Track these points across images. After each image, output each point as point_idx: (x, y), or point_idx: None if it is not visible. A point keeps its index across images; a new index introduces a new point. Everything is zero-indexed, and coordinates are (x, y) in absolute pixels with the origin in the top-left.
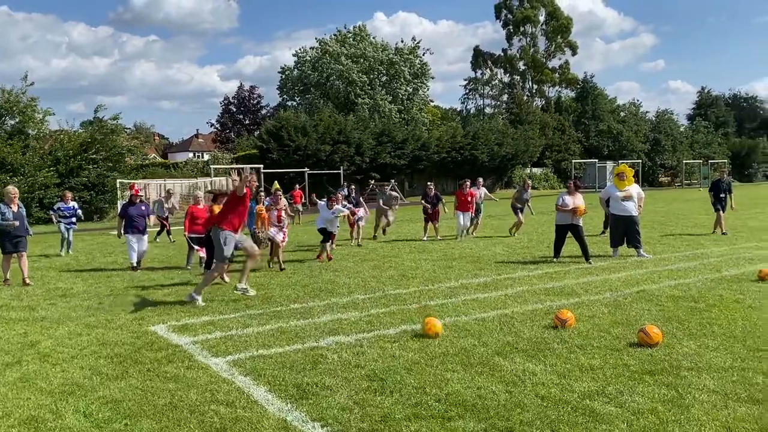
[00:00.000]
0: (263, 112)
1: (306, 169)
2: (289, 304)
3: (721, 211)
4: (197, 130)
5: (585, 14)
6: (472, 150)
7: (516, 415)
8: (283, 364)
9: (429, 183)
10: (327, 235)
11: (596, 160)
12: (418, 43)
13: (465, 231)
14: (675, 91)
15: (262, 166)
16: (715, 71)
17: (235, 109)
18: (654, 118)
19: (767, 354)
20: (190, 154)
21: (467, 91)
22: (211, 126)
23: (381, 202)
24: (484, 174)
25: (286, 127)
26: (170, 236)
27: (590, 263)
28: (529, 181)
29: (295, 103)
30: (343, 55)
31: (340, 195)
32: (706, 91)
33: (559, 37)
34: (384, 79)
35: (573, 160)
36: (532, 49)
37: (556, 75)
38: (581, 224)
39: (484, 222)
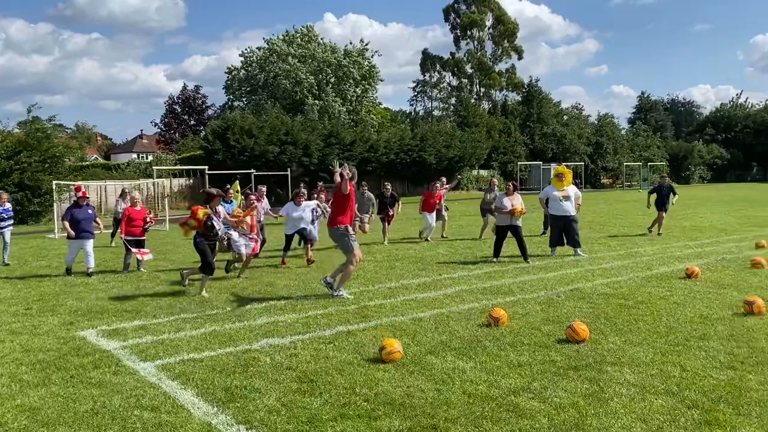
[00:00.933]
0: (209, 112)
1: (253, 171)
2: (226, 307)
3: (663, 213)
4: (141, 130)
5: (531, 19)
6: (420, 152)
7: (442, 412)
8: (213, 367)
9: (386, 183)
10: (303, 239)
11: (541, 163)
12: (366, 45)
13: (431, 231)
14: (618, 95)
15: (207, 167)
16: (655, 76)
17: (179, 109)
18: (596, 122)
19: (687, 348)
20: (134, 155)
21: (416, 93)
22: (155, 126)
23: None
24: (432, 176)
25: (232, 127)
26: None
27: (528, 263)
28: (495, 180)
29: (241, 103)
30: (291, 55)
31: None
32: (645, 95)
33: (505, 41)
34: (332, 80)
35: (518, 163)
36: (479, 53)
37: (503, 79)
38: (520, 224)
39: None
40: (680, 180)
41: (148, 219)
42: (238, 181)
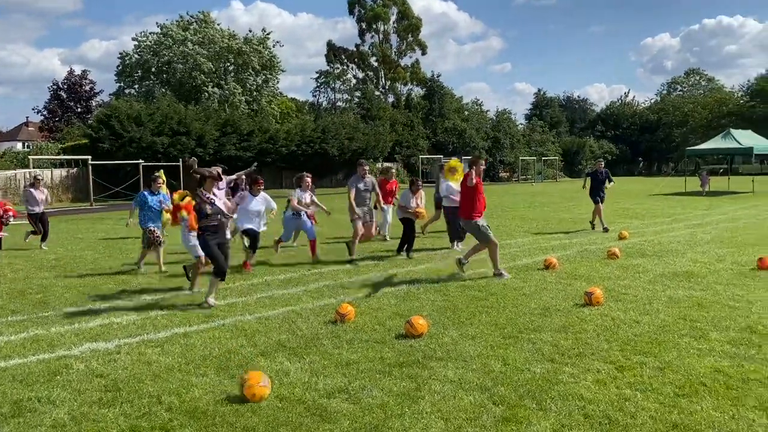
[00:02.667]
0: (97, 99)
1: (141, 161)
2: (63, 308)
3: (600, 203)
4: (27, 117)
5: (439, 16)
6: (322, 143)
7: (243, 420)
8: (14, 377)
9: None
10: (250, 239)
11: (442, 156)
12: (268, 34)
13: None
14: (520, 92)
15: (90, 157)
16: (555, 75)
17: (65, 96)
18: (494, 117)
19: (518, 340)
20: (19, 144)
21: (318, 84)
22: (37, 113)
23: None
24: (336, 168)
25: (119, 115)
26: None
27: (410, 257)
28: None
29: (133, 90)
30: (189, 41)
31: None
32: (542, 93)
33: (409, 36)
34: (232, 68)
35: (420, 156)
36: (384, 47)
37: (408, 73)
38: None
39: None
40: (573, 174)
41: (2, 213)
42: (162, 171)
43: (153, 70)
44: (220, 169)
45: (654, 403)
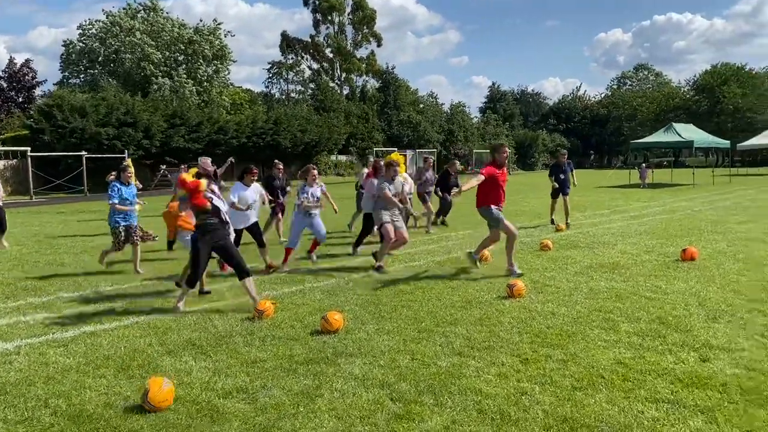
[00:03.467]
0: (41, 88)
1: (84, 153)
2: None
3: (565, 197)
4: None
5: (397, 8)
6: (274, 135)
7: (129, 423)
8: None
9: (277, 161)
10: (254, 236)
11: (396, 149)
12: (219, 24)
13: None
14: (477, 85)
15: (29, 149)
16: (512, 68)
17: (5, 85)
18: (449, 110)
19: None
20: None
21: (270, 75)
22: None
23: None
24: (288, 160)
25: (61, 106)
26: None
27: (356, 253)
28: (431, 159)
29: (79, 80)
30: (138, 30)
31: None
32: (496, 86)
33: (365, 27)
34: (182, 58)
35: (375, 149)
36: (339, 38)
37: (364, 65)
38: None
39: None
40: (526, 166)
41: None
42: (130, 159)
43: (100, 59)
44: (208, 162)
45: (550, 397)
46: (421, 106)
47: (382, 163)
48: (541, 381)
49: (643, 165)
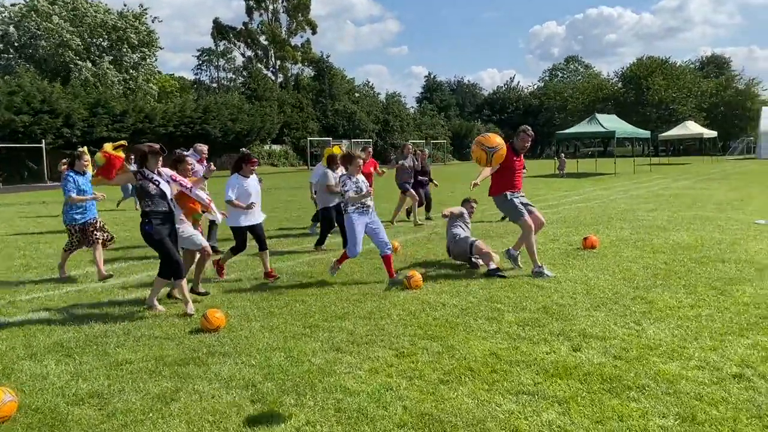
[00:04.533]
0: None
1: None
2: None
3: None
4: None
5: None
6: (203, 124)
7: None
8: None
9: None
10: (257, 240)
11: (331, 139)
12: (145, 9)
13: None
14: (417, 75)
15: None
16: (451, 58)
17: None
18: (384, 100)
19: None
20: None
21: (200, 62)
22: None
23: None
24: (219, 150)
25: None
26: None
27: (323, 249)
28: (410, 145)
29: None
30: (56, 14)
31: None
32: (432, 76)
33: (299, 14)
34: (106, 44)
35: (309, 138)
36: (274, 25)
37: (299, 53)
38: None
39: None
40: (462, 157)
41: None
42: (85, 147)
43: (15, 44)
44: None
45: (415, 392)
46: (357, 95)
47: (356, 151)
48: (411, 375)
49: (562, 155)
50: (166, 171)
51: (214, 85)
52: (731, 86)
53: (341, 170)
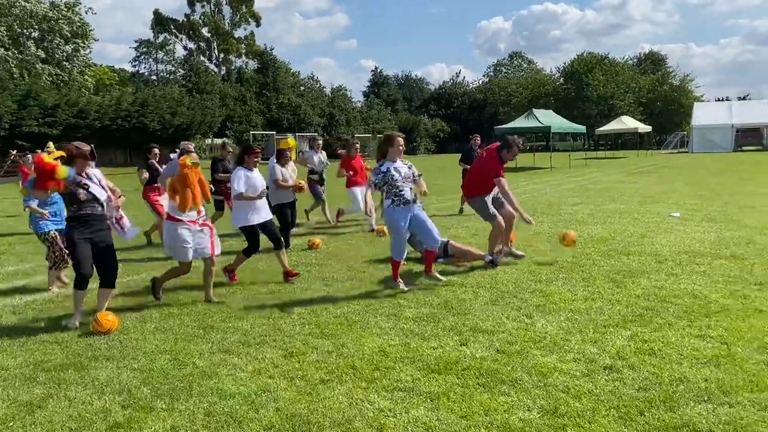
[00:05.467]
0: None
1: None
2: None
3: None
4: None
5: None
6: (141, 117)
7: None
8: None
9: (224, 141)
10: (271, 237)
11: (275, 132)
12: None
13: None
14: (366, 69)
15: None
16: (400, 53)
17: None
18: (330, 94)
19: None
20: None
21: (138, 54)
22: None
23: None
24: (158, 143)
25: None
26: None
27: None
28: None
29: None
30: None
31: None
32: (378, 71)
33: (243, 6)
34: (36, 35)
35: (251, 132)
36: (217, 17)
37: (243, 46)
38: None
39: None
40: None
41: None
42: (52, 143)
43: None
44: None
45: (292, 393)
46: (302, 89)
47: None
48: (293, 376)
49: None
50: (95, 172)
51: (154, 77)
52: (667, 82)
53: (292, 165)
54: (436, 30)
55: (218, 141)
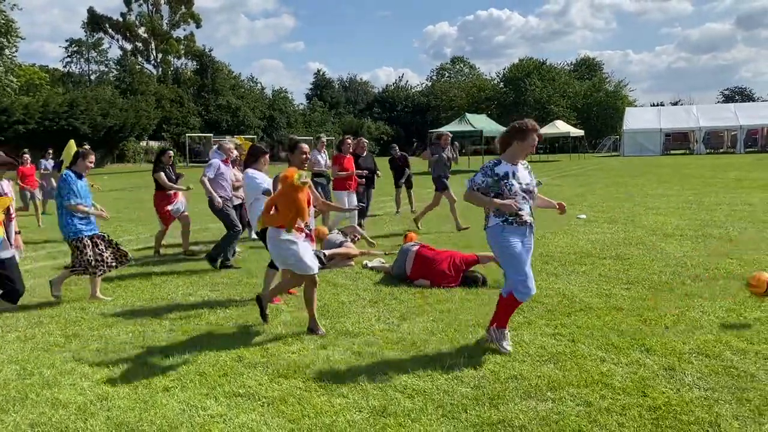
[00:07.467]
0: None
1: None
2: None
3: (398, 188)
4: None
5: None
6: (70, 119)
7: None
8: None
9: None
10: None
11: (212, 134)
12: None
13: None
14: (314, 71)
15: None
16: (347, 56)
17: None
18: (271, 96)
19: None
20: None
21: (68, 54)
22: None
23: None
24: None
25: None
26: None
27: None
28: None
29: None
30: None
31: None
32: (321, 73)
33: (182, 7)
34: None
35: (188, 135)
36: (155, 17)
37: (182, 46)
38: None
39: None
40: None
41: None
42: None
43: None
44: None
45: (129, 401)
46: (243, 90)
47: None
48: (137, 384)
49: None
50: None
51: (85, 77)
52: (602, 88)
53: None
54: (383, 33)
55: (153, 144)
